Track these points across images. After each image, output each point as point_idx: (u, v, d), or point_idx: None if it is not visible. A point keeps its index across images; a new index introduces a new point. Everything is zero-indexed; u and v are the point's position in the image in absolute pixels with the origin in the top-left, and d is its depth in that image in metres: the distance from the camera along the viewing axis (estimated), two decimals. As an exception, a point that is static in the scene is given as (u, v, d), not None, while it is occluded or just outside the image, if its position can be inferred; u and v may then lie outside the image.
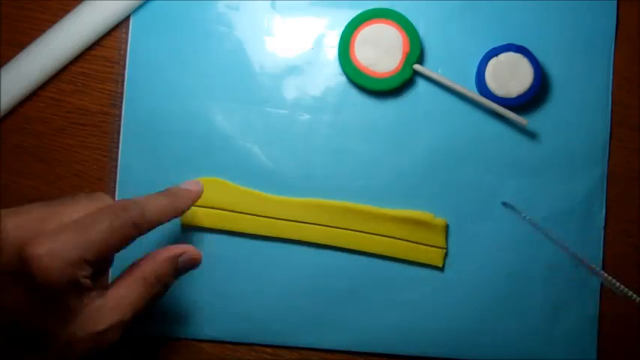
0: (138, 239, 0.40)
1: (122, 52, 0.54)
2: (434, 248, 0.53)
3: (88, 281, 0.38)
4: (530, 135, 0.53)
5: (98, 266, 0.38)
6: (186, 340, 0.53)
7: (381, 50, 0.53)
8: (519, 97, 0.52)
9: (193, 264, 0.44)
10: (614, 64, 0.54)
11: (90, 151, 0.53)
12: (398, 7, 0.53)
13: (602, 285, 0.54)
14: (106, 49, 0.54)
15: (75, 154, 0.54)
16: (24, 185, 0.53)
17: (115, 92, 0.53)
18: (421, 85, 0.54)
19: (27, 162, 0.53)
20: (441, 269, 0.53)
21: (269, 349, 0.53)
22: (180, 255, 0.43)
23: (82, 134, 0.54)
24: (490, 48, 0.53)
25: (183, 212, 0.45)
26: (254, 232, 0.52)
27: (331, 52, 0.54)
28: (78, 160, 0.53)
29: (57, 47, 0.53)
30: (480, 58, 0.53)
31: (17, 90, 0.53)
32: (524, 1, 0.54)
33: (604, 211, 0.54)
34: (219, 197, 0.52)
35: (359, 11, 0.53)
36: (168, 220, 0.43)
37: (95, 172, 0.53)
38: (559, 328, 0.53)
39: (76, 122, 0.54)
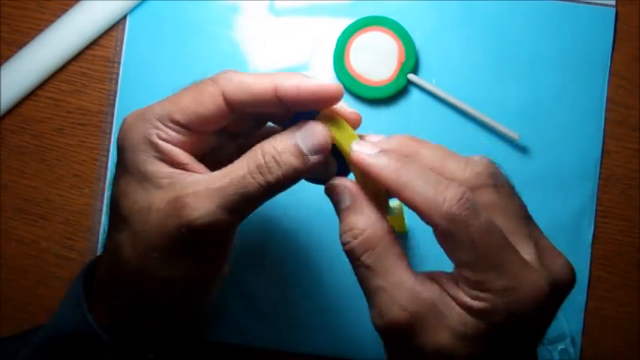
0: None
1: (118, 52, 0.54)
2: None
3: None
4: (522, 149, 0.53)
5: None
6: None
7: (376, 58, 0.52)
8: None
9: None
10: (612, 64, 0.53)
11: (90, 151, 0.54)
12: (394, 16, 0.53)
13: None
14: (106, 48, 0.54)
15: (75, 154, 0.54)
16: (24, 185, 0.54)
17: (114, 92, 0.54)
18: (415, 94, 0.53)
19: (27, 162, 0.54)
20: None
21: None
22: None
23: (81, 134, 0.54)
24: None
25: None
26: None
27: (327, 57, 0.53)
28: (78, 160, 0.54)
29: (53, 47, 0.53)
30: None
31: (15, 89, 0.53)
32: (520, 14, 0.53)
33: (593, 227, 0.53)
34: None
35: (356, 18, 0.53)
36: None
37: (95, 172, 0.54)
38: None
39: (76, 122, 0.54)
